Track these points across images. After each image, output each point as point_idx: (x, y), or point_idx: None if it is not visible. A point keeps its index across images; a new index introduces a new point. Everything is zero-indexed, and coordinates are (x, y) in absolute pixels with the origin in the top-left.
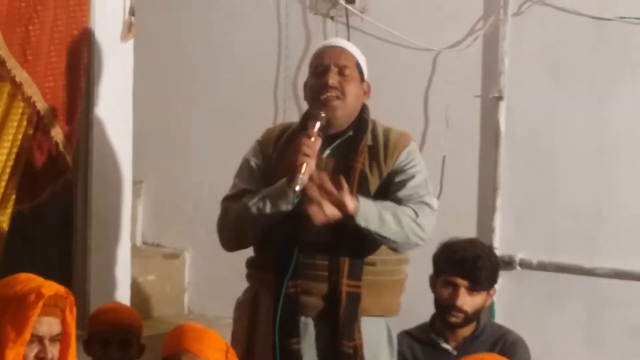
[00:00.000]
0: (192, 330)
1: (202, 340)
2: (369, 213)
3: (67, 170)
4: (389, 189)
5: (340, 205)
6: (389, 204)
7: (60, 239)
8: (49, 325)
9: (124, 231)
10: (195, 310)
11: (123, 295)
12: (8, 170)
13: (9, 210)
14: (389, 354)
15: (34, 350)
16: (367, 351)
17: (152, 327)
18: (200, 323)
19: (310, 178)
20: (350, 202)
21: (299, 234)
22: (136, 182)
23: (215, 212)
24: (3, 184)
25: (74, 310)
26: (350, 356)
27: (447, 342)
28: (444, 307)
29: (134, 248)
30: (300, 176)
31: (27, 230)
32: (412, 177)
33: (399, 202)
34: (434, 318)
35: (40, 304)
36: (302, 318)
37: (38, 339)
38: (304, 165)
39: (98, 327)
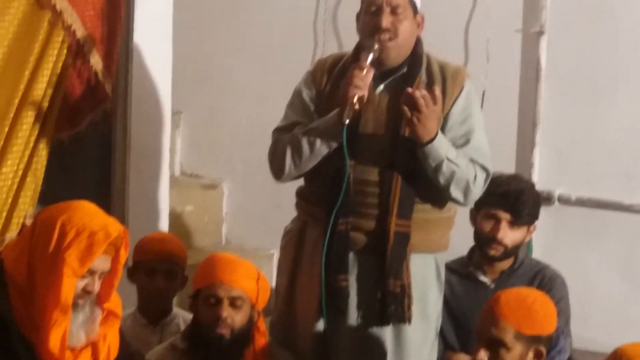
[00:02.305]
0: (224, 261)
1: (236, 270)
2: (434, 153)
3: (106, 99)
4: (446, 134)
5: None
6: (459, 159)
7: (99, 169)
8: (103, 262)
9: (163, 161)
10: (233, 241)
11: (161, 225)
12: (48, 98)
13: (48, 139)
14: (437, 289)
15: (83, 282)
16: (415, 287)
17: (190, 258)
18: (238, 254)
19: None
20: (430, 130)
21: (349, 170)
22: (175, 113)
23: (253, 143)
24: (43, 112)
25: (127, 249)
26: (397, 295)
27: (484, 275)
28: (484, 240)
29: (172, 178)
30: (351, 108)
31: (67, 159)
32: (472, 129)
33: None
34: (472, 251)
35: (107, 243)
36: (351, 254)
37: (90, 273)
38: (355, 97)
39: (144, 256)
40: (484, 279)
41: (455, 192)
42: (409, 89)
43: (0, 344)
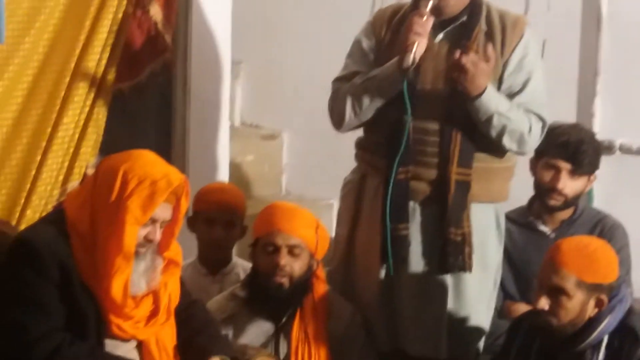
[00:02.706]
0: (283, 209)
1: (294, 218)
2: (484, 107)
3: (166, 49)
4: (503, 82)
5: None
6: (511, 112)
7: (159, 119)
8: (164, 211)
9: (223, 111)
10: (293, 191)
11: (221, 175)
12: (108, 48)
13: (109, 89)
14: (497, 239)
15: (145, 230)
16: (475, 237)
17: (250, 208)
18: (298, 204)
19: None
20: (480, 84)
21: (410, 118)
22: (235, 63)
23: (313, 93)
24: (103, 62)
25: (188, 198)
26: (457, 243)
27: (545, 224)
28: (544, 190)
29: (232, 128)
30: (412, 55)
31: (127, 109)
32: (529, 78)
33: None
34: (532, 201)
35: (168, 191)
36: (411, 204)
37: (152, 221)
38: (415, 44)
39: (204, 206)
40: (544, 228)
41: (509, 143)
42: (457, 55)
43: (63, 290)
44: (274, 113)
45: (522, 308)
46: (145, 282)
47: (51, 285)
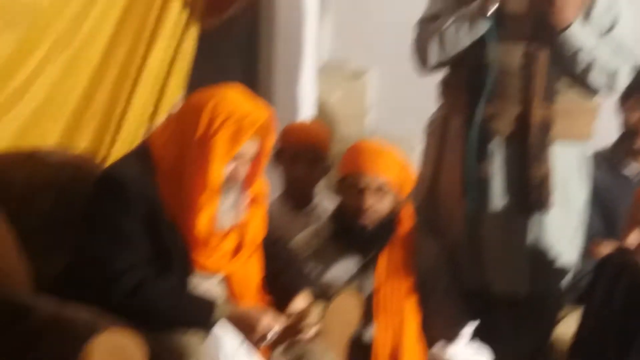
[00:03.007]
0: (368, 150)
1: (380, 158)
2: (570, 41)
3: None
4: (592, 18)
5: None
6: (599, 49)
7: (245, 57)
8: (250, 147)
9: (309, 49)
10: (379, 129)
11: (307, 113)
12: None
13: (195, 27)
14: (581, 178)
15: (231, 166)
16: (558, 175)
17: (336, 146)
18: (384, 142)
19: None
20: (569, 15)
21: (493, 56)
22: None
23: (400, 31)
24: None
25: (274, 135)
26: (538, 181)
27: (630, 167)
28: (632, 130)
29: (319, 66)
30: None
31: (213, 46)
32: (620, 15)
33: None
34: (618, 142)
35: (254, 127)
36: (493, 141)
37: (238, 157)
38: None
39: (288, 143)
40: (631, 169)
41: (594, 82)
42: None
43: (148, 226)
44: (361, 50)
45: (607, 248)
46: (230, 218)
47: (136, 221)
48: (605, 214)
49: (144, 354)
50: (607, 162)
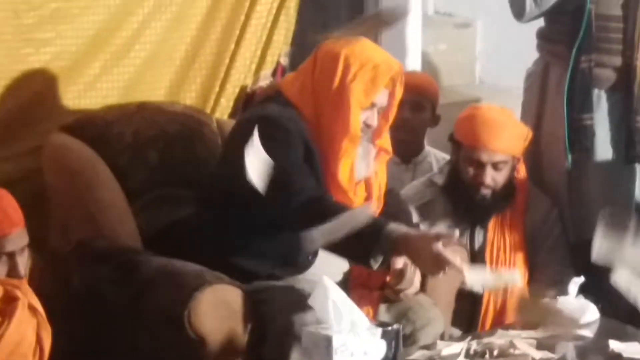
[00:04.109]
0: (489, 123)
1: (500, 134)
2: None
3: None
4: None
5: None
6: None
7: (351, 8)
8: (383, 96)
9: None
10: (487, 80)
11: (414, 64)
12: None
13: None
14: None
15: (365, 115)
16: None
17: (443, 97)
18: (491, 93)
19: None
20: None
21: (591, 6)
22: None
23: None
24: None
25: (402, 85)
26: None
27: None
28: None
29: (425, 17)
30: None
31: None
32: None
33: None
34: None
35: (389, 75)
36: (596, 91)
37: (372, 106)
38: None
39: None
40: None
41: None
42: None
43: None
44: (467, 1)
45: None
46: (362, 168)
47: (300, 157)
48: None
49: (248, 308)
50: None
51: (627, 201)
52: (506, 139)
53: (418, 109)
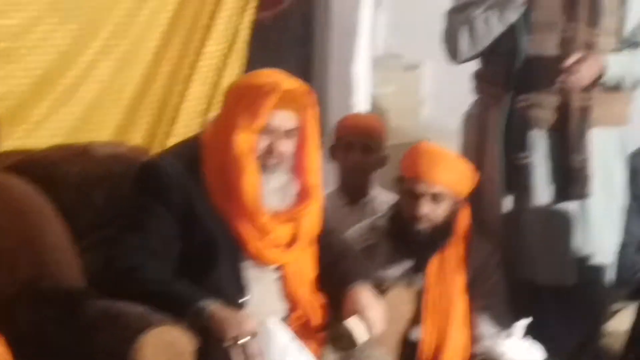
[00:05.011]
0: (429, 154)
1: (439, 165)
2: (610, 79)
3: None
4: (626, 31)
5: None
6: (635, 62)
7: (300, 49)
8: (282, 119)
9: (364, 42)
10: (434, 121)
11: (362, 105)
12: None
13: (251, 18)
14: (622, 163)
15: (266, 142)
16: (599, 162)
17: (391, 138)
18: (439, 134)
19: None
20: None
21: (527, 46)
22: None
23: None
24: None
25: (314, 109)
26: (580, 169)
27: None
28: None
29: (373, 59)
30: None
31: (269, 38)
32: None
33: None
34: None
35: (275, 95)
36: (533, 131)
37: (271, 131)
38: None
39: (342, 132)
40: None
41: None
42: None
43: (186, 216)
44: (415, 43)
45: None
46: (277, 199)
47: (165, 210)
48: None
49: (194, 349)
50: None
51: (567, 239)
52: (445, 171)
53: (367, 151)
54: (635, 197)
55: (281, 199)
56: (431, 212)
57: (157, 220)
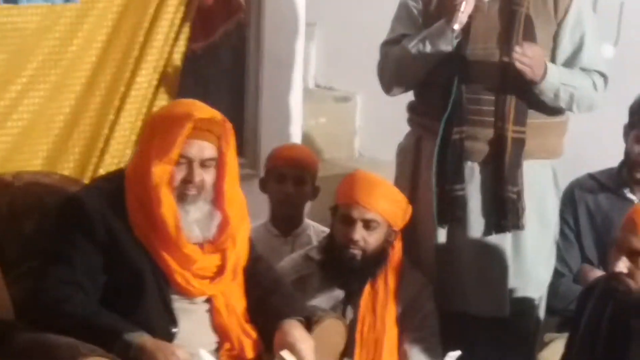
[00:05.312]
0: (362, 181)
1: (373, 192)
2: (548, 87)
3: (240, 10)
4: (560, 43)
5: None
6: (573, 79)
7: (232, 80)
8: (199, 149)
9: (296, 73)
10: (366, 153)
11: (294, 137)
12: (182, 8)
13: (182, 49)
14: (554, 195)
15: (182, 172)
16: (532, 194)
17: (323, 170)
18: (371, 166)
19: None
20: (539, 71)
21: (462, 79)
22: (309, 24)
23: None
24: (177, 22)
25: (231, 138)
26: (514, 201)
27: (632, 192)
28: (634, 162)
29: (305, 90)
30: (460, 14)
31: (201, 70)
32: (585, 34)
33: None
34: (620, 166)
35: (189, 125)
36: (468, 163)
37: (187, 161)
38: (463, 3)
39: (274, 163)
40: (631, 196)
41: (578, 109)
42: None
43: (110, 249)
44: (347, 75)
45: (598, 274)
46: (199, 230)
47: (88, 243)
48: (601, 238)
49: None
50: (609, 185)
51: (502, 270)
52: (378, 198)
53: (300, 183)
54: (571, 229)
55: (203, 229)
56: (364, 238)
57: (81, 253)
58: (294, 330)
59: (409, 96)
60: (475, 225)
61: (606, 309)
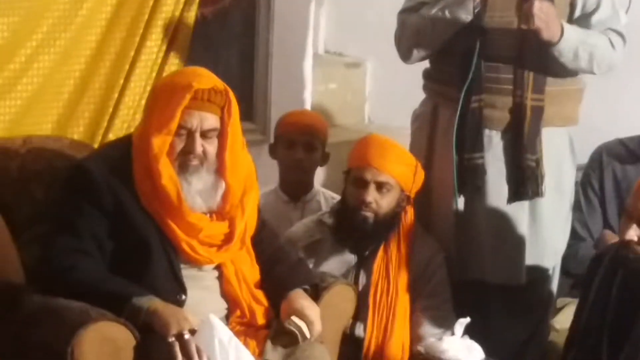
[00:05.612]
0: (377, 144)
1: (386, 154)
2: (567, 46)
3: None
4: (577, 3)
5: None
6: (590, 37)
7: (242, 45)
8: (200, 119)
9: (307, 39)
10: (376, 120)
11: (304, 103)
12: None
13: (193, 14)
14: (571, 162)
15: (183, 143)
16: (550, 161)
17: (333, 136)
18: (381, 133)
19: None
20: (556, 30)
21: (481, 47)
22: None
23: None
24: None
25: (233, 109)
26: (533, 169)
27: None
28: None
29: (316, 56)
30: None
31: (211, 35)
32: (599, 5)
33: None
34: None
35: (187, 96)
36: (487, 131)
37: (187, 132)
38: None
39: (284, 129)
40: None
41: (599, 69)
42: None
43: (117, 218)
44: (358, 41)
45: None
46: (202, 200)
47: (95, 211)
48: (623, 207)
49: (134, 346)
50: (633, 153)
51: (519, 237)
52: (391, 160)
53: (310, 149)
54: (596, 194)
55: (207, 199)
56: (376, 201)
57: (88, 220)
58: (300, 299)
59: (421, 63)
60: (494, 193)
61: (616, 277)
